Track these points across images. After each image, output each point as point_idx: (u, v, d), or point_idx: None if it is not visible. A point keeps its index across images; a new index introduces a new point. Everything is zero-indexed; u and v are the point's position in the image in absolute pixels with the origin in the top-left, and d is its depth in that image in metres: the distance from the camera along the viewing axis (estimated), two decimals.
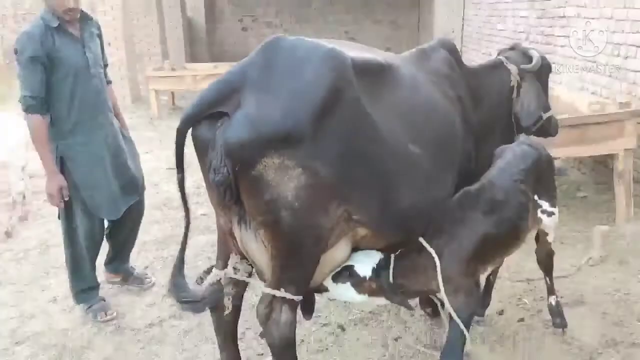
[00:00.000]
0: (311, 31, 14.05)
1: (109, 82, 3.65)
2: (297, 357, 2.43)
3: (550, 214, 2.84)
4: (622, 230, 4.40)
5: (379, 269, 2.42)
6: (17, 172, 5.15)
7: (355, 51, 2.32)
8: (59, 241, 4.75)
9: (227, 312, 2.43)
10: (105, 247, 3.82)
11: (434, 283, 2.45)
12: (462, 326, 2.49)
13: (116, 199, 3.49)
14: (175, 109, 10.08)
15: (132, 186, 3.60)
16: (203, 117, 2.10)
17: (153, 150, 7.20)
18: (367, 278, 2.41)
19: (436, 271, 2.42)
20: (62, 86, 3.22)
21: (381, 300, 2.52)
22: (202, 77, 8.99)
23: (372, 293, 2.45)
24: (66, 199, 3.30)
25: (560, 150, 4.54)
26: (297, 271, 2.23)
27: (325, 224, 2.15)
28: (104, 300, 3.66)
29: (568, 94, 5.36)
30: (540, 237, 3.06)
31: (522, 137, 2.94)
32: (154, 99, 9.55)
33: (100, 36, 3.52)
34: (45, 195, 5.83)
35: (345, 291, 2.41)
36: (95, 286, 3.67)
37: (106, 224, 3.71)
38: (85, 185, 3.34)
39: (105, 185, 3.42)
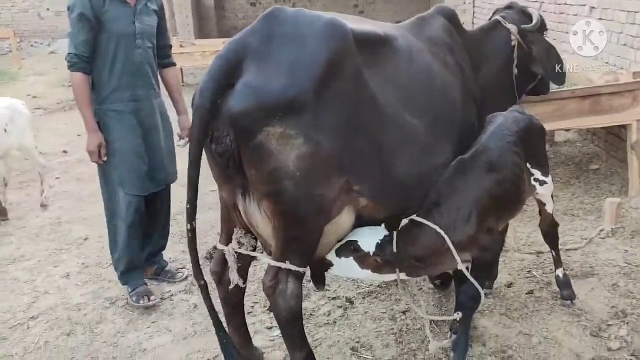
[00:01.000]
0: (320, 5, 13.89)
1: (170, 64, 3.60)
2: (303, 329, 2.45)
3: (543, 183, 2.85)
4: (635, 202, 4.35)
5: (384, 244, 2.42)
6: (32, 153, 5.17)
7: (354, 23, 2.31)
8: (72, 218, 4.85)
9: (231, 285, 2.44)
10: None
11: (444, 251, 2.46)
12: (477, 285, 2.54)
13: (143, 176, 3.38)
14: (184, 86, 10.05)
15: (161, 169, 3.47)
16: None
17: None
18: (371, 253, 2.41)
19: (441, 240, 2.42)
20: (105, 50, 3.22)
21: (386, 276, 2.52)
22: (211, 53, 8.92)
23: (375, 268, 2.45)
24: (104, 158, 3.26)
25: (572, 121, 4.48)
26: (301, 242, 2.24)
27: (328, 193, 2.15)
28: (146, 284, 3.53)
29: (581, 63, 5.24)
30: (540, 209, 3.08)
31: (514, 106, 2.95)
32: None
33: (159, 14, 3.45)
34: (58, 172, 6.00)
35: (348, 266, 2.41)
36: (139, 267, 3.54)
37: None
38: (112, 154, 3.30)
39: (132, 159, 3.33)
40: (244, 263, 2.50)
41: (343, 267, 2.45)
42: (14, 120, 4.87)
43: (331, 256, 2.43)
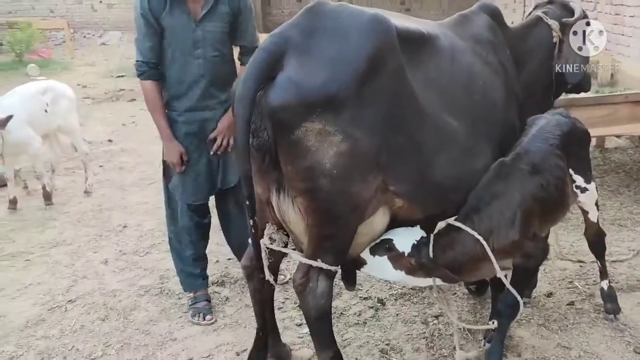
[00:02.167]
0: (365, 2, 13.76)
1: (244, 63, 3.14)
2: (332, 328, 2.42)
3: (584, 190, 2.72)
4: None
5: (420, 246, 2.36)
6: (76, 137, 5.30)
7: (397, 19, 2.26)
8: (113, 205, 4.96)
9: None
10: None
11: (483, 257, 2.38)
12: (516, 294, 2.47)
13: (198, 184, 3.16)
14: None
15: (226, 173, 3.20)
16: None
17: None
18: (406, 254, 2.35)
19: (480, 246, 2.35)
20: (166, 55, 3.02)
21: (419, 280, 2.45)
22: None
23: (409, 270, 2.38)
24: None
25: (624, 127, 4.28)
26: (334, 241, 2.21)
27: (364, 193, 2.11)
28: (209, 302, 3.34)
29: (636, 67, 5.01)
30: (584, 217, 2.96)
31: (559, 109, 2.83)
32: None
33: (230, 15, 3.02)
34: (102, 160, 6.14)
35: (381, 265, 2.36)
36: (198, 275, 3.36)
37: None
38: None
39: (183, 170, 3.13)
40: (276, 259, 2.48)
41: (376, 266, 2.39)
42: (56, 102, 4.99)
43: (365, 254, 2.38)
